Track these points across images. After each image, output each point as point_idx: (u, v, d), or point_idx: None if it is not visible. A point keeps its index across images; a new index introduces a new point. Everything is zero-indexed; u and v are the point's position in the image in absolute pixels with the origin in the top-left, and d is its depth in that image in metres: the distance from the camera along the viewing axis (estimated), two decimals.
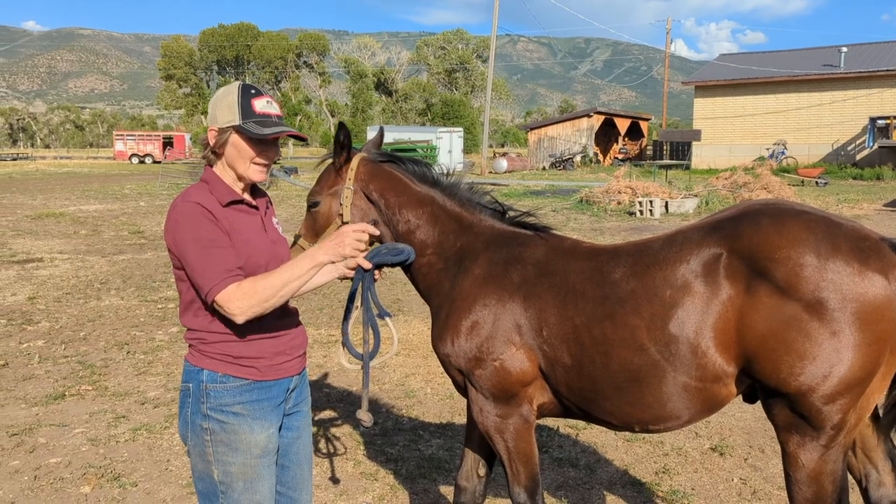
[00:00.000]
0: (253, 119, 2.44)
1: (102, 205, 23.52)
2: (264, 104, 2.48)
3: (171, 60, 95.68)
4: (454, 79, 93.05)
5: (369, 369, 2.94)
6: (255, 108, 2.45)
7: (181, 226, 2.39)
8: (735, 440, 5.15)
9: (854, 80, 35.90)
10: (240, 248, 2.44)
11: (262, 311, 2.36)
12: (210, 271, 2.33)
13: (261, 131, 2.43)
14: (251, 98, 2.46)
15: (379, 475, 4.68)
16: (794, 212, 2.62)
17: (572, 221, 18.10)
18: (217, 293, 2.32)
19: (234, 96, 2.46)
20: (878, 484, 2.84)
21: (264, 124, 2.45)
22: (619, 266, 2.79)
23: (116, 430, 5.39)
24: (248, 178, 2.52)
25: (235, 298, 2.32)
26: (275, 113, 2.50)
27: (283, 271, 2.38)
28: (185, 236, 2.37)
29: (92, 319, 8.77)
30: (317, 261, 2.42)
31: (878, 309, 2.42)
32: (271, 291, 2.35)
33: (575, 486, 4.50)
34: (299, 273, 2.39)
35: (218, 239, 2.38)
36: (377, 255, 2.82)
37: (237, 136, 2.46)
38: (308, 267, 2.40)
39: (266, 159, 2.51)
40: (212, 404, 2.47)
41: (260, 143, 2.48)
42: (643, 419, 2.78)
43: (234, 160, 2.49)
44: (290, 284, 2.38)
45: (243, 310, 2.33)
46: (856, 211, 19.30)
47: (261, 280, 2.36)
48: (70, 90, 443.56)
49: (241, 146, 2.46)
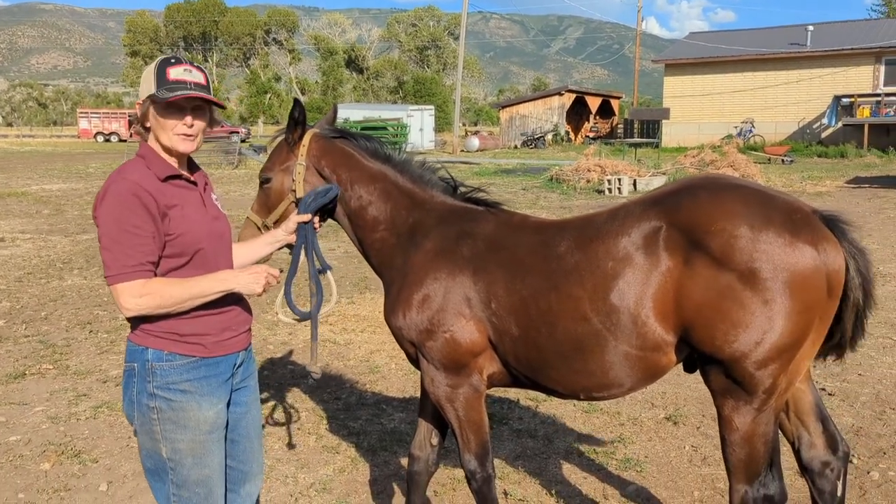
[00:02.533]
0: (165, 87, 2.41)
1: (66, 184, 23.13)
2: (181, 72, 2.44)
3: (136, 36, 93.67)
4: (426, 56, 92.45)
5: (317, 322, 3.03)
6: (168, 76, 2.42)
7: (108, 202, 2.38)
8: (689, 409, 5.30)
9: (820, 58, 36.30)
10: (178, 223, 2.45)
11: (153, 312, 2.41)
12: (122, 258, 2.34)
13: (166, 95, 2.39)
14: (167, 67, 2.44)
15: (340, 448, 4.75)
16: (731, 186, 2.71)
17: (542, 200, 18.21)
18: (119, 282, 2.35)
19: (152, 67, 2.46)
20: (810, 446, 2.97)
21: (173, 89, 2.41)
22: (564, 240, 2.86)
23: (77, 408, 5.40)
24: (174, 147, 2.49)
25: (136, 295, 2.35)
26: (192, 80, 2.45)
27: (193, 286, 2.43)
28: (110, 214, 2.37)
29: (54, 299, 8.69)
30: (228, 288, 2.49)
31: (808, 278, 2.53)
32: (175, 300, 2.40)
33: (532, 456, 4.62)
34: (208, 292, 2.45)
35: (142, 227, 2.36)
36: (309, 204, 3.00)
37: (153, 105, 2.45)
38: (218, 290, 2.47)
39: (186, 127, 2.47)
40: (158, 383, 2.47)
41: (178, 111, 2.45)
42: (587, 387, 2.88)
43: (157, 131, 2.48)
44: (195, 301, 2.44)
45: (139, 307, 2.38)
46: (818, 188, 19.65)
47: (171, 286, 2.39)
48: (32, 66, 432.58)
49: (158, 115, 2.45)
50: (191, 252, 2.50)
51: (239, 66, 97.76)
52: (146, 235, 2.37)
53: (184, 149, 2.50)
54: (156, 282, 2.39)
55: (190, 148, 2.51)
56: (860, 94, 33.83)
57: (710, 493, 4.12)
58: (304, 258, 2.99)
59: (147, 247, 2.38)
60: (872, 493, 4.08)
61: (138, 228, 2.36)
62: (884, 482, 4.18)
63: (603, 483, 4.26)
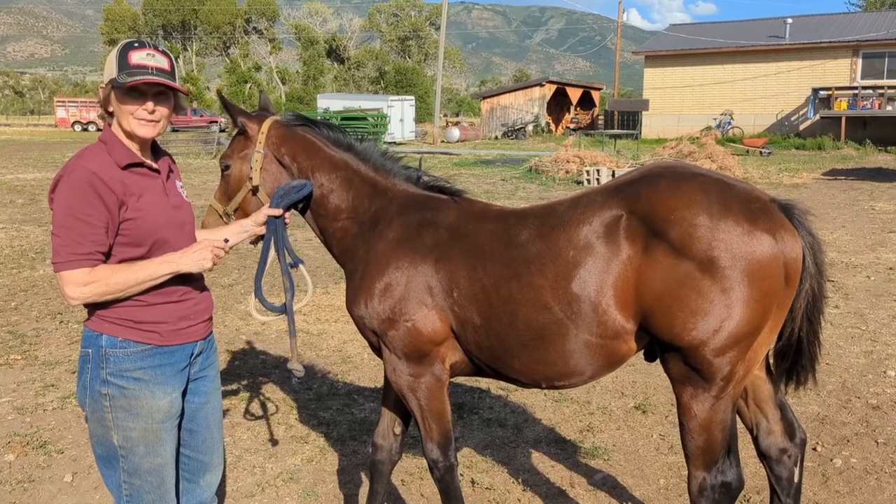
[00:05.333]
0: (125, 70, 2.37)
1: (42, 173, 22.79)
2: (143, 56, 2.40)
3: (114, 24, 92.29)
4: (407, 46, 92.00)
5: (294, 317, 3.01)
6: (130, 60, 2.38)
7: (62, 188, 2.36)
8: (658, 399, 5.33)
9: (798, 51, 36.56)
10: (136, 212, 2.42)
11: (100, 300, 2.40)
12: (70, 245, 2.32)
13: (125, 80, 2.36)
14: (130, 51, 2.40)
15: (310, 438, 4.73)
16: (691, 175, 2.72)
17: (521, 190, 18.22)
18: (64, 270, 2.33)
19: (115, 50, 2.42)
20: (768, 433, 3.00)
21: (133, 74, 2.37)
22: (525, 228, 2.86)
23: (44, 399, 5.33)
24: (134, 132, 2.46)
25: (81, 283, 2.33)
26: (154, 65, 2.41)
27: (139, 270, 2.40)
28: (62, 200, 2.34)
29: (25, 289, 8.58)
30: (175, 269, 2.46)
31: (766, 266, 2.54)
32: (122, 286, 2.38)
33: (502, 446, 4.63)
34: (155, 275, 2.43)
35: (93, 216, 2.33)
36: (281, 198, 2.97)
37: (114, 90, 2.41)
38: (165, 272, 2.44)
39: (147, 112, 2.43)
40: (112, 370, 2.45)
41: (138, 96, 2.41)
42: (549, 375, 2.88)
43: (119, 116, 2.45)
44: (142, 285, 2.42)
45: (83, 296, 2.36)
46: (795, 180, 19.83)
47: (116, 273, 2.37)
48: (8, 55, 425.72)
49: (118, 100, 2.42)
50: (149, 241, 2.46)
51: (219, 56, 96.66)
52: (98, 224, 2.34)
53: (143, 133, 2.46)
54: (101, 269, 2.36)
55: (151, 133, 2.48)
56: (838, 87, 34.11)
57: (675, 480, 4.15)
58: (274, 253, 2.97)
59: (97, 236, 2.35)
60: (834, 479, 4.13)
61: (90, 217, 2.33)
62: (846, 469, 4.24)
63: (570, 471, 4.28)
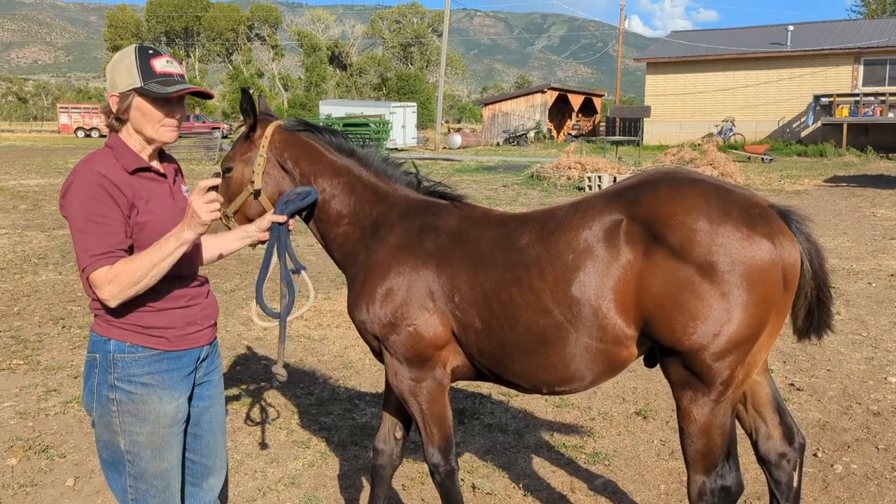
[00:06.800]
0: (155, 80, 2.41)
1: (45, 179, 22.86)
2: (164, 63, 2.45)
3: (117, 31, 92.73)
4: (409, 53, 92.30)
5: (286, 324, 3.02)
6: (155, 69, 2.42)
7: (73, 192, 2.36)
8: (659, 404, 5.34)
9: (800, 58, 36.63)
10: (146, 216, 2.43)
11: (133, 293, 2.35)
12: (89, 248, 2.32)
13: (164, 90, 2.39)
14: (150, 58, 2.43)
15: (311, 443, 4.75)
16: (690, 180, 2.74)
17: (522, 196, 18.25)
18: (89, 273, 2.33)
19: (131, 58, 2.42)
20: (767, 437, 3.01)
21: (167, 83, 2.42)
22: (526, 233, 2.88)
23: (47, 403, 5.35)
24: (160, 139, 2.49)
25: (105, 283, 2.32)
26: (176, 72, 2.46)
27: (151, 253, 2.34)
28: (75, 205, 2.35)
29: (27, 294, 8.61)
30: (182, 238, 2.35)
31: (765, 271, 2.56)
32: (141, 274, 2.32)
33: (503, 451, 4.63)
34: (167, 252, 2.34)
35: (108, 216, 2.34)
36: (286, 205, 2.97)
37: (140, 98, 2.43)
38: (175, 246, 2.34)
39: (174, 119, 2.49)
40: (119, 375, 2.46)
41: (166, 104, 2.45)
42: (549, 380, 2.89)
43: (141, 124, 2.46)
44: (160, 265, 2.34)
45: (114, 295, 2.33)
46: (797, 186, 19.85)
47: (132, 262, 2.33)
48: (12, 61, 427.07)
49: (147, 108, 2.43)
50: None
51: (221, 62, 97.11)
52: (114, 224, 2.35)
53: (169, 139, 2.51)
54: (118, 264, 2.34)
55: (175, 137, 2.54)
56: (839, 94, 34.18)
57: (676, 486, 4.16)
58: (276, 260, 2.98)
59: (114, 236, 2.35)
60: (835, 485, 4.13)
61: (105, 218, 2.34)
62: (846, 475, 4.24)
63: (571, 477, 4.29)
